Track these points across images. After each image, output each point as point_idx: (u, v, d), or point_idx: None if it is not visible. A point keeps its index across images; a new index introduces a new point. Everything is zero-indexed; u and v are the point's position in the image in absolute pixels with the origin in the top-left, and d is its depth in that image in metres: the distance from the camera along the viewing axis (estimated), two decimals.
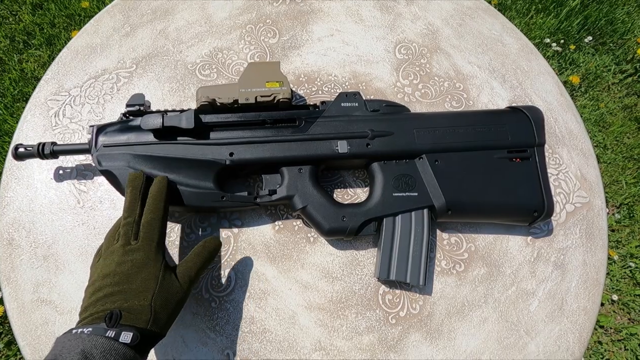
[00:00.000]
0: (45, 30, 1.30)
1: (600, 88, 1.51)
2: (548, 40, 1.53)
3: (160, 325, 0.37)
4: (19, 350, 0.97)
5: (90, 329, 0.34)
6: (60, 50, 1.28)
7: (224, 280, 0.49)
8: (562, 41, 1.55)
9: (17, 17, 1.33)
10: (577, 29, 1.57)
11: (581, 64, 1.53)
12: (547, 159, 0.52)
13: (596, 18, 1.58)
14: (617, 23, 1.59)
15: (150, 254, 0.39)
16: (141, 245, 0.39)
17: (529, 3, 1.61)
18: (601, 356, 1.07)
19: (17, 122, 1.17)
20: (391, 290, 0.49)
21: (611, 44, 1.58)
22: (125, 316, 0.35)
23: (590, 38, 1.56)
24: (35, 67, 1.26)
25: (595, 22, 1.58)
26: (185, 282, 0.41)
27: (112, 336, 0.33)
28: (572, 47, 1.54)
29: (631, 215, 1.24)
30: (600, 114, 1.44)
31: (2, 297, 0.97)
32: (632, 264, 1.17)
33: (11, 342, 0.98)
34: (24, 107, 1.20)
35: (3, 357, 0.97)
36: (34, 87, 1.26)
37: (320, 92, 0.59)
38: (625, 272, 1.17)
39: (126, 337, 0.34)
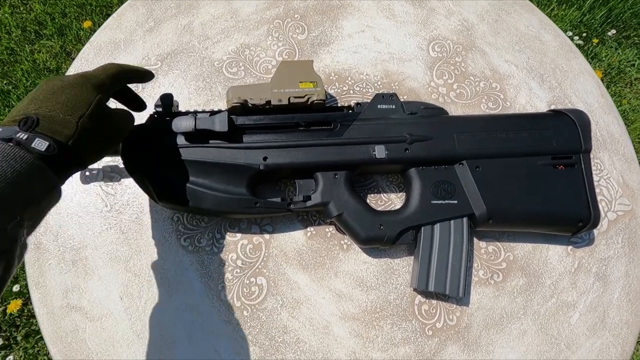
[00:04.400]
0: (56, 20, 1.27)
1: (623, 84, 1.47)
2: (570, 34, 1.49)
3: (83, 150, 0.33)
4: (36, 343, 0.97)
5: None
6: (72, 40, 1.27)
7: (255, 287, 0.47)
8: (584, 34, 1.50)
9: (28, 6, 1.30)
10: (601, 21, 1.52)
11: (604, 58, 1.49)
12: None
13: (621, 10, 1.53)
14: None
15: (83, 81, 0.35)
16: (74, 75, 0.36)
17: None
18: None
19: None
20: (427, 300, 0.48)
21: (635, 38, 1.53)
22: (44, 124, 0.31)
23: (613, 31, 1.51)
24: (47, 58, 1.23)
25: (620, 14, 1.53)
26: (120, 122, 0.39)
27: (24, 139, 0.29)
28: (595, 40, 1.49)
29: None
30: (623, 110, 1.40)
31: (17, 292, 0.97)
32: None
33: (29, 335, 0.99)
34: None
35: (21, 349, 0.97)
36: None
37: (351, 91, 0.57)
38: None
39: (40, 144, 0.30)
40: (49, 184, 0.31)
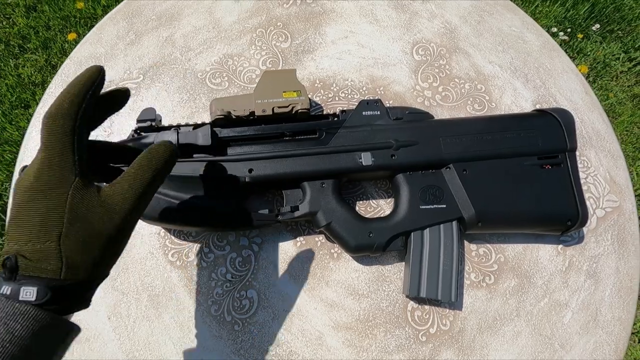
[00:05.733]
0: (40, 34, 1.26)
1: (608, 77, 1.48)
2: (555, 30, 1.50)
3: (84, 272, 0.26)
4: None
5: None
6: (57, 53, 1.25)
7: (246, 301, 0.47)
8: (569, 30, 1.51)
9: (10, 20, 1.29)
10: (584, 16, 1.53)
11: (589, 53, 1.50)
12: None
13: (603, 5, 1.54)
14: (624, 9, 1.55)
15: (51, 169, 0.27)
16: (38, 157, 0.27)
17: None
18: None
19: (16, 130, 1.14)
20: (420, 306, 0.48)
21: (619, 32, 1.54)
22: (24, 264, 0.25)
23: (597, 26, 1.52)
24: (32, 72, 1.22)
25: (603, 9, 1.54)
26: (119, 207, 0.28)
27: (8, 294, 0.24)
28: (580, 35, 1.51)
29: None
30: (610, 104, 1.41)
31: None
32: None
33: None
34: (22, 114, 1.18)
35: None
36: (32, 93, 1.22)
37: (337, 98, 0.57)
38: None
39: (28, 293, 0.24)
40: (65, 330, 0.26)
